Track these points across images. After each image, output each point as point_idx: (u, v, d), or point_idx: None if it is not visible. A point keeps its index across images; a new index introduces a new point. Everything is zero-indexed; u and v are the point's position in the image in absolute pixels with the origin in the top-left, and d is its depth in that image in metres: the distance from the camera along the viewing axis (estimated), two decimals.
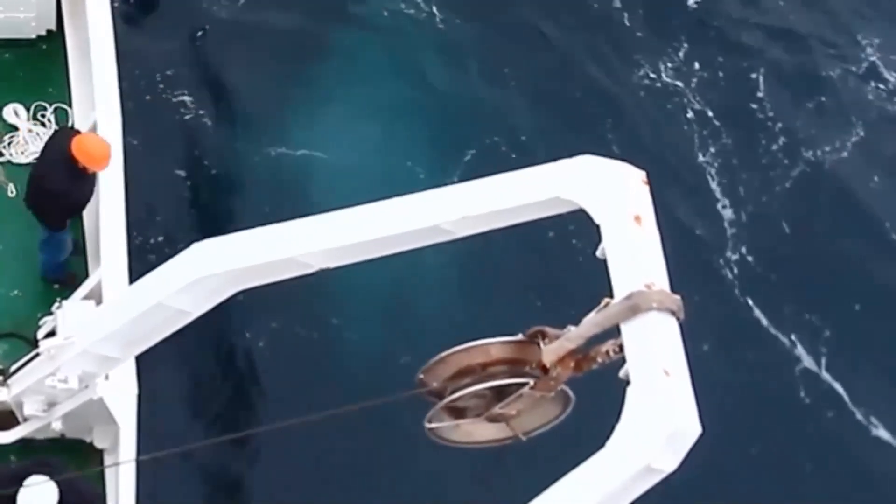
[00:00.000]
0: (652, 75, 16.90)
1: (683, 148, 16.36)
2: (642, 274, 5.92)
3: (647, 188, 6.25)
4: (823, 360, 15.03)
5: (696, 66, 17.05)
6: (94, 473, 10.86)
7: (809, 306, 15.39)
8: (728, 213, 15.87)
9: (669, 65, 16.94)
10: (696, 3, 17.70)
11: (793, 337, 15.13)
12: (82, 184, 11.32)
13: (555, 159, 6.44)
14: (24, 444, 11.09)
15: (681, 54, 17.08)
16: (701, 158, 16.25)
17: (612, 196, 6.17)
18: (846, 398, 14.84)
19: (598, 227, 6.15)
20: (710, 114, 16.64)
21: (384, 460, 13.47)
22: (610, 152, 6.44)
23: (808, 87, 17.26)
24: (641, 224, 6.10)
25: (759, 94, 16.98)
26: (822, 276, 15.67)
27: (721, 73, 17.07)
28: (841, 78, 17.40)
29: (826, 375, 14.94)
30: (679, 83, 16.81)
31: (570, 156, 6.43)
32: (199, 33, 16.34)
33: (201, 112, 15.68)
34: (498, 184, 6.59)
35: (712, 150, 16.29)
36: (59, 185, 11.32)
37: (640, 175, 6.30)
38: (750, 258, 15.61)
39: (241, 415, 13.43)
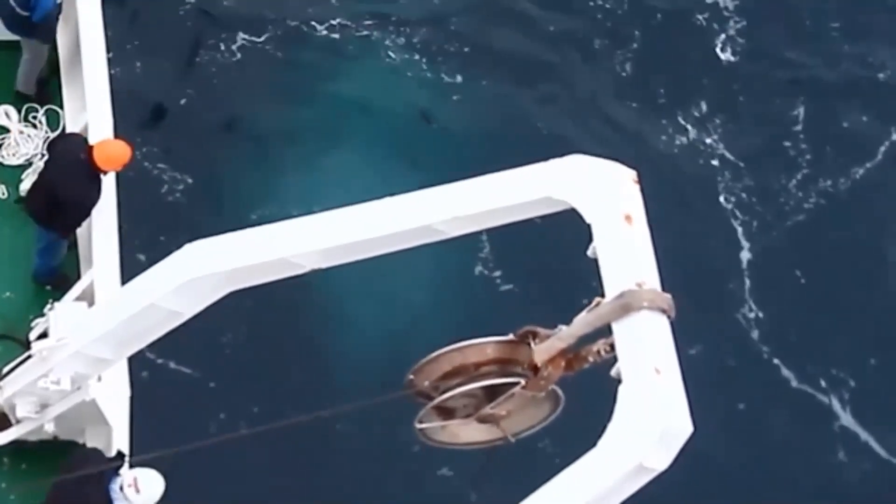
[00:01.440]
0: (676, 123, 16.80)
1: (706, 189, 16.26)
2: (633, 273, 5.94)
3: (637, 187, 6.25)
4: (821, 372, 15.10)
5: (720, 111, 16.92)
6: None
7: (813, 325, 15.43)
8: (746, 254, 15.84)
9: (694, 112, 16.85)
10: (730, 58, 17.48)
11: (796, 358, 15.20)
12: (97, 188, 11.40)
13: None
14: (16, 445, 11.08)
15: (704, 103, 16.97)
16: (723, 200, 16.18)
17: (602, 195, 6.18)
18: (837, 406, 14.89)
19: (589, 226, 6.16)
20: (734, 158, 16.55)
21: (374, 461, 13.48)
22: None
23: (834, 132, 17.01)
24: (632, 223, 6.11)
25: (788, 139, 16.85)
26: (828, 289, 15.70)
27: (747, 119, 16.95)
28: (869, 124, 17.19)
29: (824, 387, 15.00)
30: (703, 131, 16.71)
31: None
32: (191, 78, 16.24)
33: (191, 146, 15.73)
34: (489, 184, 6.59)
35: (735, 192, 16.23)
36: (77, 193, 11.36)
37: (630, 174, 6.30)
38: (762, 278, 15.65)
39: (232, 416, 13.43)
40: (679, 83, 17.00)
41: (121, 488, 9.77)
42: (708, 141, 16.56)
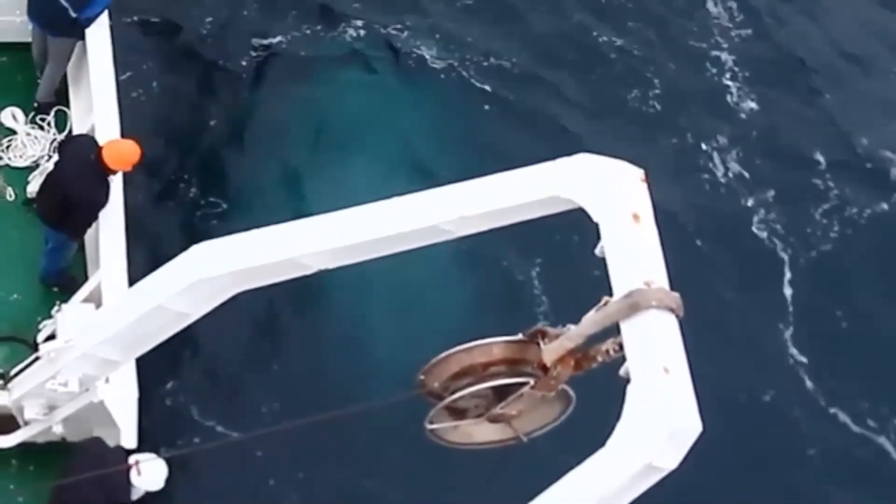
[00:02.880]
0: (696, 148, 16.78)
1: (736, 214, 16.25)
2: (641, 272, 5.93)
3: (645, 186, 6.25)
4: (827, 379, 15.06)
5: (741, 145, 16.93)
6: None
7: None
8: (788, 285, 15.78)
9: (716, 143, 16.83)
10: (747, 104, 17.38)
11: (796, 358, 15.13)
12: (106, 188, 11.43)
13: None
14: (25, 447, 11.09)
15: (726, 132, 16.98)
16: (755, 224, 16.15)
17: (610, 194, 6.17)
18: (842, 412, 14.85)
19: (596, 225, 6.15)
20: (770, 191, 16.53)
21: (385, 461, 13.47)
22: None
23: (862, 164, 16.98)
24: (640, 222, 6.10)
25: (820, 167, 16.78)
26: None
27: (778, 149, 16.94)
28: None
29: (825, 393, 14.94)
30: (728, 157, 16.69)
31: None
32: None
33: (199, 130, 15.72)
34: (496, 183, 6.59)
35: (769, 223, 16.18)
36: (87, 193, 11.38)
37: (638, 173, 6.30)
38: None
39: (240, 417, 13.41)
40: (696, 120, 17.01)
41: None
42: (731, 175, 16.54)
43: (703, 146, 16.70)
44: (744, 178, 16.44)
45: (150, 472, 10.02)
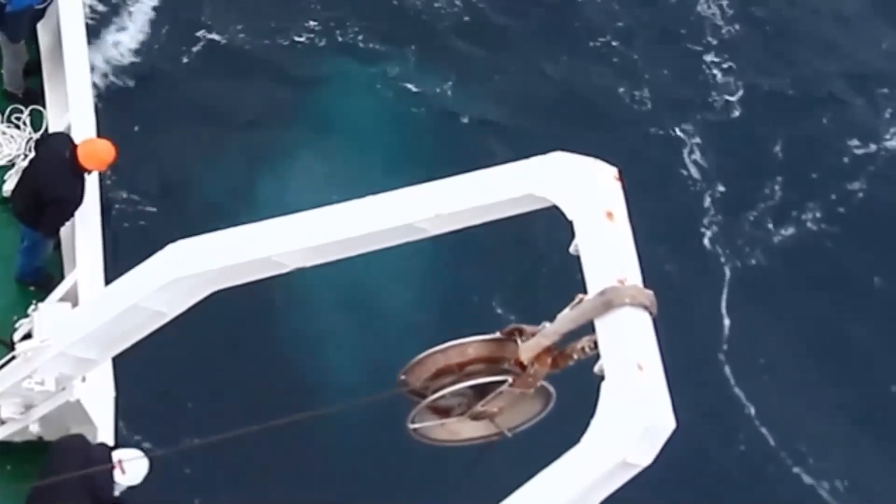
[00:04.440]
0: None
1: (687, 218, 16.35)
2: (615, 270, 5.95)
3: (618, 184, 6.27)
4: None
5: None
6: None
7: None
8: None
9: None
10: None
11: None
12: (80, 186, 11.42)
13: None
14: (1, 447, 11.05)
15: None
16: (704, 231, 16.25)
17: (584, 192, 6.19)
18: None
19: (571, 223, 6.17)
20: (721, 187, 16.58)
21: (366, 460, 13.49)
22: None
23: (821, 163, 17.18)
24: (614, 220, 6.12)
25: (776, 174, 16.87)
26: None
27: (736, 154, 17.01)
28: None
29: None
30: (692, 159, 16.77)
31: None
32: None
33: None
34: (471, 181, 6.60)
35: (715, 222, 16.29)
36: (60, 191, 11.38)
37: (612, 171, 6.32)
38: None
39: (218, 417, 13.40)
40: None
41: None
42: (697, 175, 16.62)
43: (676, 143, 16.82)
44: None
45: (132, 470, 10.03)
